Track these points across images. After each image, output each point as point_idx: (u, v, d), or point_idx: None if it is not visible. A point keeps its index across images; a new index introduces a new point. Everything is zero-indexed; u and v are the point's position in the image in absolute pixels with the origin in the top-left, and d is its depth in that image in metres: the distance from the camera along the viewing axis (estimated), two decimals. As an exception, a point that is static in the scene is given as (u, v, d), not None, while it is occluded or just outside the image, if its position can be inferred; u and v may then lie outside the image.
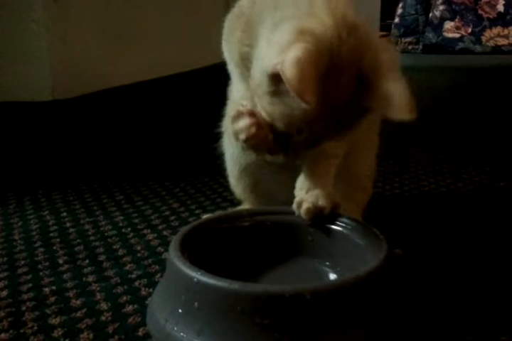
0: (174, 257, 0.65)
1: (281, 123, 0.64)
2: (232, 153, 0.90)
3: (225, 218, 0.80)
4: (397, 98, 0.59)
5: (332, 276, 0.74)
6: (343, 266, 0.74)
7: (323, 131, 0.64)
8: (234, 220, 0.79)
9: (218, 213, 0.96)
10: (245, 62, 0.71)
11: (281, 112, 0.63)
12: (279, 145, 0.68)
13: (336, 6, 0.63)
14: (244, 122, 0.67)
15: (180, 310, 0.61)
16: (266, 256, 0.77)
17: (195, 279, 0.60)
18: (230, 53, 0.76)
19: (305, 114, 0.60)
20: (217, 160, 0.98)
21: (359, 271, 0.62)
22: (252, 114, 0.66)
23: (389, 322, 0.63)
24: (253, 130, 0.66)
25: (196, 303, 0.60)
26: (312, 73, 0.56)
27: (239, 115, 0.68)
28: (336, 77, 0.60)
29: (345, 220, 0.75)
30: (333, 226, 0.76)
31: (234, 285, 0.59)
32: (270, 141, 0.67)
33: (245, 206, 0.97)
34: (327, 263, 0.76)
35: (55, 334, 0.67)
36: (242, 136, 0.67)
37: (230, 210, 1.03)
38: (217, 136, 0.94)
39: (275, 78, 0.60)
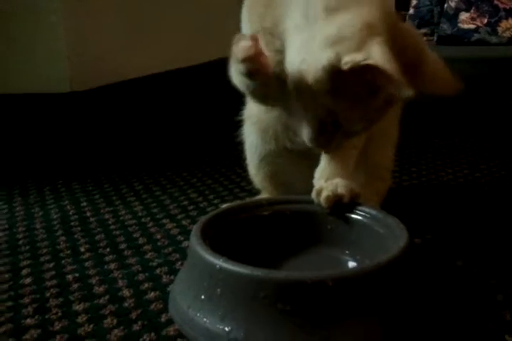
0: (196, 244, 0.66)
1: (346, 117, 0.66)
2: (252, 141, 0.91)
3: (245, 207, 0.80)
4: (443, 77, 0.65)
5: (351, 264, 0.75)
6: (363, 254, 0.74)
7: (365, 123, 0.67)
8: (254, 209, 0.79)
9: (238, 202, 0.96)
10: (266, 37, 0.70)
11: (348, 106, 0.64)
12: (323, 139, 0.69)
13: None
14: (245, 43, 0.65)
15: (203, 297, 0.62)
16: (286, 244, 0.78)
17: (217, 266, 0.61)
18: (250, 28, 0.75)
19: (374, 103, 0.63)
20: (234, 150, 0.98)
21: (380, 259, 0.62)
22: (254, 38, 0.65)
23: (408, 311, 0.63)
24: (252, 51, 0.64)
25: (219, 290, 0.61)
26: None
27: (240, 37, 0.67)
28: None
29: (364, 209, 0.75)
30: (353, 215, 0.76)
31: (256, 272, 0.59)
32: (269, 72, 0.66)
33: (264, 195, 0.98)
34: (347, 251, 0.76)
35: (80, 320, 0.68)
36: (240, 55, 0.65)
37: (249, 199, 1.04)
38: (238, 124, 0.94)
39: (344, 73, 0.60)
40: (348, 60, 0.59)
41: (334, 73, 0.60)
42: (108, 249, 0.89)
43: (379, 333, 0.60)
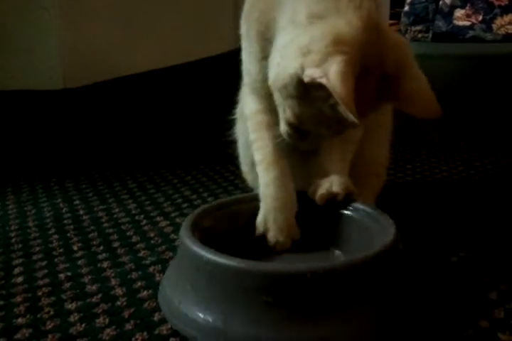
0: (185, 237, 0.67)
1: (311, 123, 0.66)
2: (245, 140, 0.90)
3: (237, 201, 0.81)
4: (423, 97, 0.61)
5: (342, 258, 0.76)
6: (354, 249, 0.74)
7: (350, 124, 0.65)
8: (246, 203, 0.80)
9: (228, 197, 0.96)
10: (261, 41, 0.71)
11: (312, 114, 0.65)
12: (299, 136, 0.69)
13: (360, 2, 0.63)
14: None
15: (189, 288, 0.64)
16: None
17: (204, 258, 0.62)
18: (247, 31, 0.76)
19: (336, 115, 0.61)
20: (228, 148, 0.98)
21: (358, 255, 0.63)
22: None
23: (396, 304, 0.64)
24: None
25: (205, 281, 0.62)
26: (353, 86, 0.58)
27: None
28: (365, 78, 0.61)
29: (356, 205, 0.76)
30: (345, 211, 0.77)
31: (240, 264, 0.60)
32: None
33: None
34: (338, 246, 0.77)
35: (72, 319, 0.68)
36: None
37: (241, 194, 1.04)
38: (230, 124, 0.94)
39: (307, 85, 0.61)
40: (307, 74, 0.60)
41: (299, 82, 0.61)
42: (101, 247, 0.88)
43: (364, 325, 0.60)
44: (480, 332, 0.63)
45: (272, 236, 0.74)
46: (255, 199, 0.78)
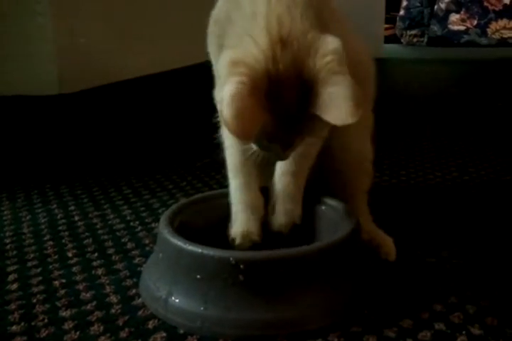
0: (163, 228, 0.74)
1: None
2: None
3: (214, 196, 0.87)
4: (337, 103, 0.59)
5: None
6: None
7: (288, 136, 0.65)
8: (223, 198, 0.83)
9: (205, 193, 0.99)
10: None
11: None
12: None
13: (275, 14, 0.63)
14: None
15: (168, 277, 0.71)
16: None
17: (180, 248, 0.69)
18: (212, 55, 0.80)
19: (262, 130, 0.62)
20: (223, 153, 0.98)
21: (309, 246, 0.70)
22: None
23: (354, 288, 0.70)
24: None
25: (184, 269, 0.69)
26: (249, 105, 0.58)
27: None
28: (280, 90, 0.61)
29: (325, 200, 0.82)
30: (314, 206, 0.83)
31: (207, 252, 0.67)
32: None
33: None
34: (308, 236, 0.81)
35: (66, 326, 0.68)
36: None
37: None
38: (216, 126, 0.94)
39: None
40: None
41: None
42: (96, 254, 0.88)
43: (326, 305, 0.67)
44: (450, 326, 0.63)
45: (232, 237, 0.77)
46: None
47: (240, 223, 0.77)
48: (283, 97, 0.62)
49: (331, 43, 0.61)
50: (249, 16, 0.64)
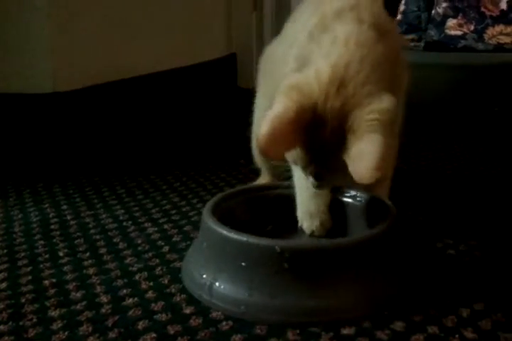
0: (207, 218, 0.76)
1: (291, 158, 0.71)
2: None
3: (252, 189, 0.91)
4: (361, 163, 0.61)
5: None
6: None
7: (319, 171, 0.70)
8: (260, 191, 0.90)
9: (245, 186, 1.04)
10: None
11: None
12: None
13: (346, 59, 0.67)
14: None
15: (214, 263, 0.73)
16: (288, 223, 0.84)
17: (224, 235, 0.71)
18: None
19: (298, 156, 0.68)
20: (218, 154, 0.98)
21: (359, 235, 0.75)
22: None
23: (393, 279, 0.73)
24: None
25: (229, 255, 0.71)
26: (285, 129, 0.63)
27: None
28: (320, 127, 0.65)
29: (357, 194, 0.85)
30: (346, 199, 0.86)
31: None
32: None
33: (264, 178, 1.09)
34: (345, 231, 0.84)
35: (54, 326, 0.67)
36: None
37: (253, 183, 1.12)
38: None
39: None
40: None
41: None
42: (87, 254, 0.88)
43: (366, 296, 0.69)
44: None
45: (306, 226, 0.79)
46: (270, 188, 0.91)
47: (309, 211, 0.79)
48: (320, 135, 0.65)
49: (384, 102, 0.64)
50: (324, 54, 0.69)
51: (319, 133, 0.65)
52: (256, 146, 0.66)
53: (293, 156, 0.70)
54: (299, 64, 0.73)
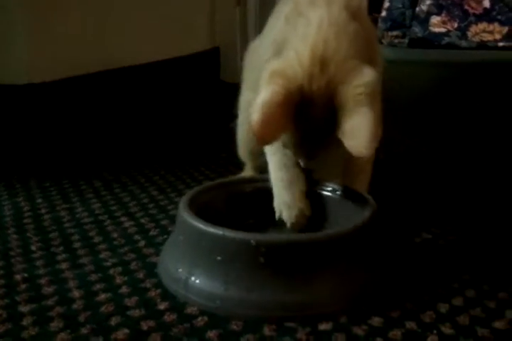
0: (183, 211, 0.74)
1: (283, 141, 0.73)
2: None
3: (229, 183, 0.89)
4: (357, 136, 0.63)
5: None
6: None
7: (311, 150, 0.72)
8: (237, 185, 0.88)
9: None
10: None
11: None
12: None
13: (323, 37, 0.67)
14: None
15: (189, 258, 0.72)
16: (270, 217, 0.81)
17: (201, 230, 0.70)
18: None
19: (288, 137, 0.70)
20: (198, 148, 0.96)
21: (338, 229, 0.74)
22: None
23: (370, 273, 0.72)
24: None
25: (205, 250, 0.70)
26: (276, 114, 0.63)
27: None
28: (309, 107, 0.66)
29: (336, 188, 0.84)
30: (325, 193, 0.84)
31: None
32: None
33: (247, 170, 1.08)
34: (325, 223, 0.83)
35: (24, 322, 0.65)
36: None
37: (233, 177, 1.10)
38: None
39: None
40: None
41: None
42: (61, 248, 0.86)
43: (341, 289, 0.68)
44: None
45: (285, 216, 0.78)
46: (246, 182, 0.89)
47: (286, 200, 0.78)
48: (310, 114, 0.67)
49: (366, 75, 0.65)
50: (300, 37, 0.69)
51: (309, 113, 0.67)
52: (251, 134, 0.66)
53: (285, 138, 0.70)
54: (277, 48, 0.73)
